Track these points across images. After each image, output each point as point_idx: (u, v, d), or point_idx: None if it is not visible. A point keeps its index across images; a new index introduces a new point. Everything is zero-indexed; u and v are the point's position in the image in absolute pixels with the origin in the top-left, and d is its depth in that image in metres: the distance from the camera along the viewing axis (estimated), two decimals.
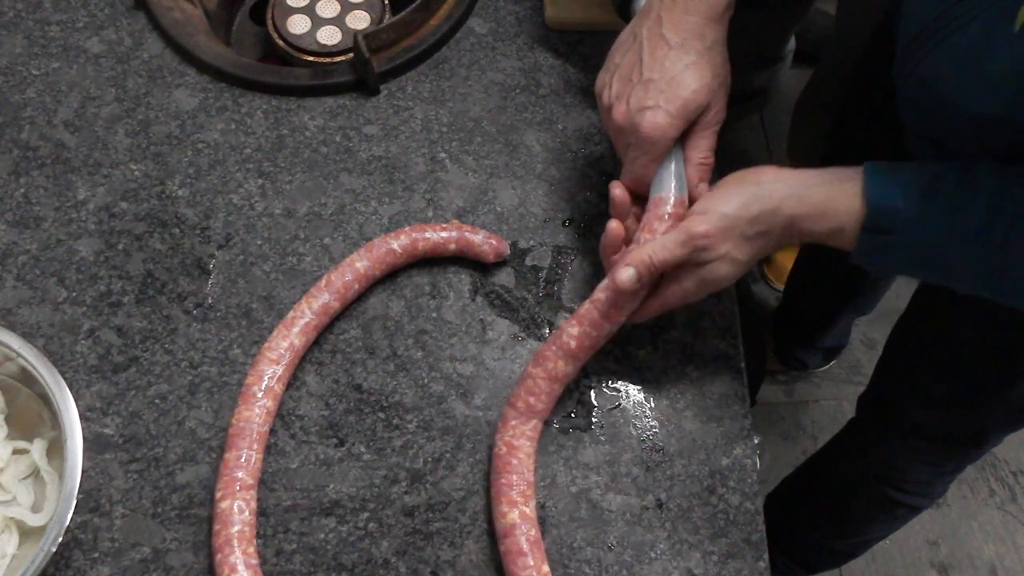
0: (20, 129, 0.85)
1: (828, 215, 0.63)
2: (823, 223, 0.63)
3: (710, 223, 0.64)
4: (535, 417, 0.70)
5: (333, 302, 0.75)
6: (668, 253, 0.65)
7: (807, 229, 0.64)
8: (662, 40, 0.68)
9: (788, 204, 0.64)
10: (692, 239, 0.64)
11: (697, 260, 0.65)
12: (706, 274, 0.66)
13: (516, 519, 0.66)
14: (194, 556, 0.68)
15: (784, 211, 0.64)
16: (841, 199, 0.63)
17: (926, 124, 0.67)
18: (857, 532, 1.24)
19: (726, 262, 0.65)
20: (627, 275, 0.65)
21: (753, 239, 0.65)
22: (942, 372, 0.92)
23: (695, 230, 0.64)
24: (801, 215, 0.64)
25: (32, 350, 0.68)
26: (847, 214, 0.62)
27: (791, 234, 0.65)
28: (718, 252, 0.65)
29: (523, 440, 0.69)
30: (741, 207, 0.64)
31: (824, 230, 0.64)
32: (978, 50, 0.56)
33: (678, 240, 0.65)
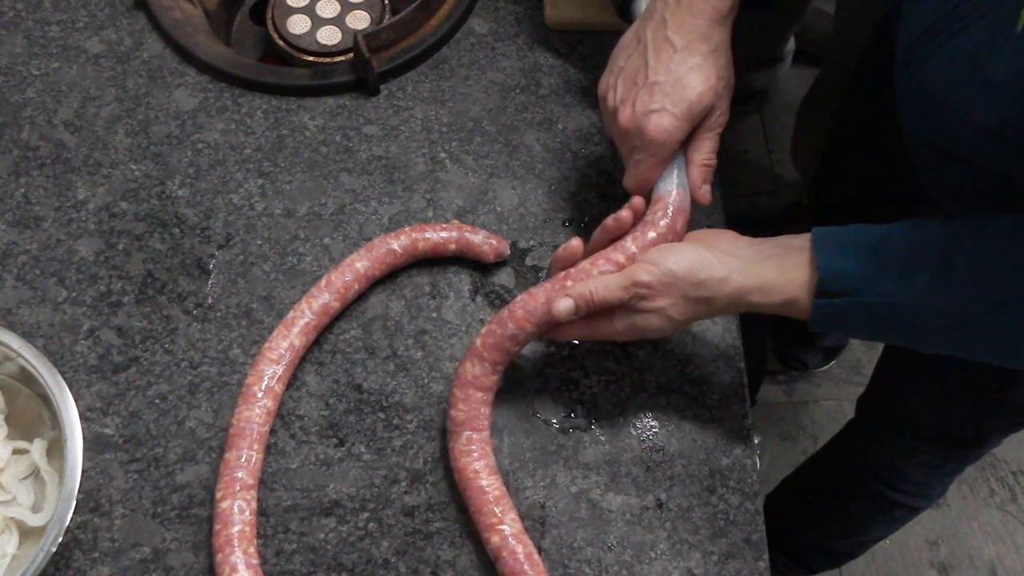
0: (20, 129, 0.85)
1: (778, 287, 0.63)
2: (773, 295, 0.64)
3: (655, 275, 0.64)
4: (467, 429, 0.69)
5: (333, 302, 0.75)
6: (609, 293, 0.65)
7: (755, 302, 0.64)
8: (667, 42, 0.68)
9: (737, 277, 0.64)
10: (634, 286, 0.64)
11: (634, 306, 0.66)
12: (639, 321, 0.66)
13: (498, 542, 0.66)
14: (194, 556, 0.68)
15: (732, 283, 0.64)
16: (791, 269, 0.63)
17: (926, 128, 0.67)
18: (857, 532, 1.24)
19: (661, 316, 0.65)
20: (564, 306, 0.66)
21: (694, 301, 0.65)
22: (941, 373, 0.92)
23: (639, 279, 0.64)
24: (749, 288, 0.64)
25: (32, 350, 0.68)
26: (797, 285, 0.63)
27: (737, 305, 0.65)
28: (655, 304, 0.65)
29: (471, 459, 0.68)
30: (689, 270, 0.64)
31: (775, 302, 0.64)
32: (980, 52, 0.56)
33: (621, 283, 0.65)
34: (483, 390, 0.70)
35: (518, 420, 0.74)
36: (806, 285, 0.62)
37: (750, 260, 0.65)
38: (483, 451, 0.69)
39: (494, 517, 0.66)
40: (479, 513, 0.67)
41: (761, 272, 0.64)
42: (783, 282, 0.63)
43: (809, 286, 0.62)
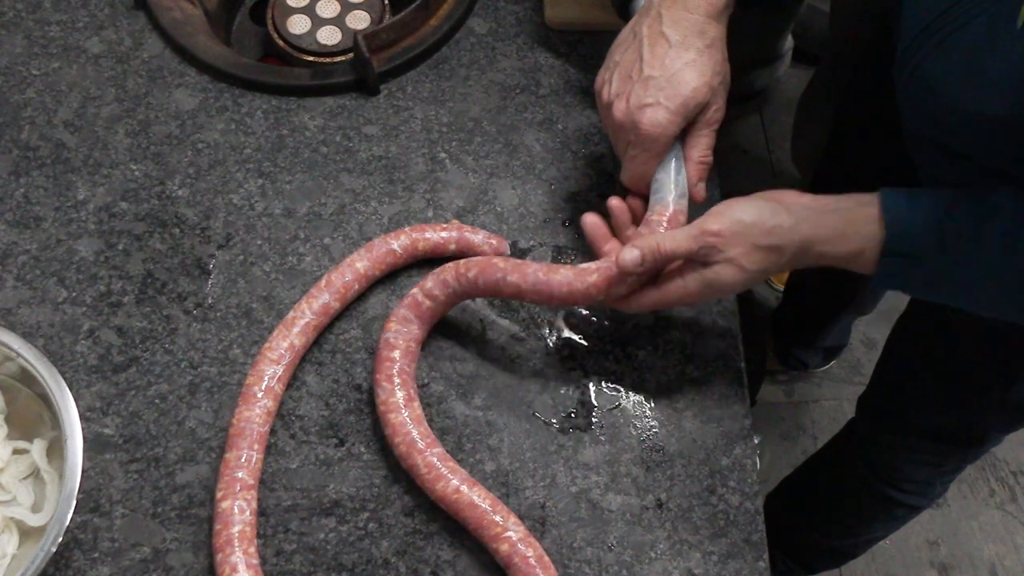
0: (20, 129, 0.85)
1: (847, 239, 0.63)
2: (842, 246, 0.63)
3: (724, 224, 0.64)
4: (420, 454, 0.68)
5: (333, 302, 0.75)
6: (677, 244, 0.64)
7: (825, 252, 0.64)
8: (662, 37, 0.68)
9: (805, 225, 0.64)
10: (703, 235, 0.64)
11: (705, 259, 0.65)
12: (711, 275, 0.65)
13: (507, 550, 0.65)
14: (194, 556, 0.68)
15: (801, 230, 0.64)
16: (860, 223, 0.63)
17: (927, 125, 0.67)
18: (857, 532, 1.24)
19: (733, 267, 0.64)
20: (631, 256, 0.65)
21: (765, 251, 0.64)
22: (942, 372, 0.92)
23: (709, 227, 0.64)
24: (819, 237, 0.64)
25: (32, 350, 0.68)
26: (866, 237, 0.62)
27: (807, 255, 0.65)
28: (727, 255, 0.64)
29: (445, 483, 0.67)
30: (758, 217, 0.64)
31: (843, 253, 0.64)
32: (980, 48, 0.56)
33: (690, 234, 0.64)
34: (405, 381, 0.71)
35: (518, 420, 0.74)
36: (875, 239, 0.62)
37: (819, 210, 0.64)
38: (449, 466, 0.68)
39: (497, 527, 0.66)
40: (480, 528, 0.66)
41: (831, 222, 0.64)
42: (852, 234, 0.63)
43: (878, 240, 0.62)
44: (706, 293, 0.66)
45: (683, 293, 0.67)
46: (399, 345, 0.72)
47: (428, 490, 0.68)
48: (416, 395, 0.71)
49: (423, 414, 0.70)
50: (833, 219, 0.64)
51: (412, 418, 0.69)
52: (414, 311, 0.73)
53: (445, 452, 0.69)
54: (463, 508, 0.66)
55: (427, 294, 0.73)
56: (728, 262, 0.64)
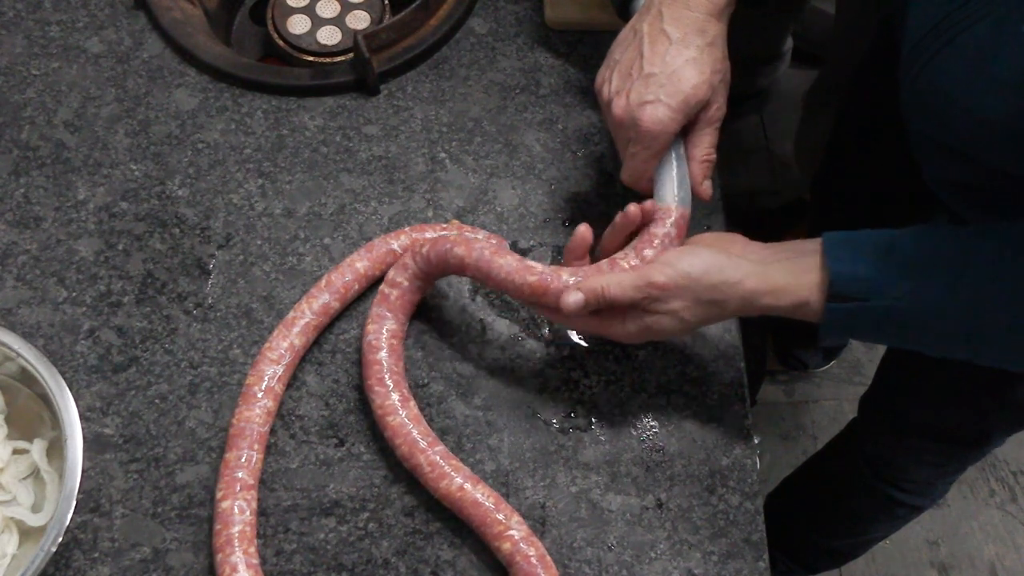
0: (20, 129, 0.85)
1: (789, 290, 0.63)
2: (785, 298, 0.64)
3: (670, 277, 0.64)
4: (422, 452, 0.68)
5: (333, 302, 0.75)
6: (621, 292, 0.65)
7: (766, 304, 0.64)
8: (663, 35, 0.68)
9: (749, 280, 0.64)
10: (649, 287, 0.64)
11: (647, 307, 0.65)
12: (651, 322, 0.66)
13: (510, 549, 0.65)
14: (194, 556, 0.68)
15: (745, 286, 0.64)
16: (803, 272, 0.63)
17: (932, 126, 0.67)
18: (857, 532, 1.24)
19: (673, 318, 0.65)
20: (574, 299, 0.65)
21: (707, 304, 0.65)
22: (944, 373, 0.92)
23: (654, 279, 0.64)
24: (761, 291, 0.64)
25: (32, 350, 0.68)
26: (809, 288, 0.63)
27: (749, 308, 0.65)
28: (669, 306, 0.65)
29: (448, 480, 0.67)
30: (704, 272, 0.64)
31: (787, 305, 0.64)
32: (985, 50, 0.56)
33: (635, 283, 0.65)
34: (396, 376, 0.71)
35: (518, 420, 0.74)
36: (818, 288, 0.62)
37: (762, 263, 0.65)
38: (452, 464, 0.68)
39: (500, 526, 0.66)
40: (484, 526, 0.66)
41: (774, 275, 0.64)
42: (795, 285, 0.63)
43: (821, 289, 0.62)
44: (643, 336, 0.67)
45: (620, 332, 0.67)
46: (382, 345, 0.72)
47: (432, 488, 0.68)
48: (410, 394, 0.71)
49: (419, 413, 0.71)
50: (777, 272, 0.64)
51: (411, 418, 0.69)
52: (385, 305, 0.73)
53: (447, 450, 0.69)
54: (466, 506, 0.66)
55: (391, 284, 0.73)
56: (669, 313, 0.65)
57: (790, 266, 0.64)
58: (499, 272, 0.68)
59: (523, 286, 0.68)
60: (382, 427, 0.70)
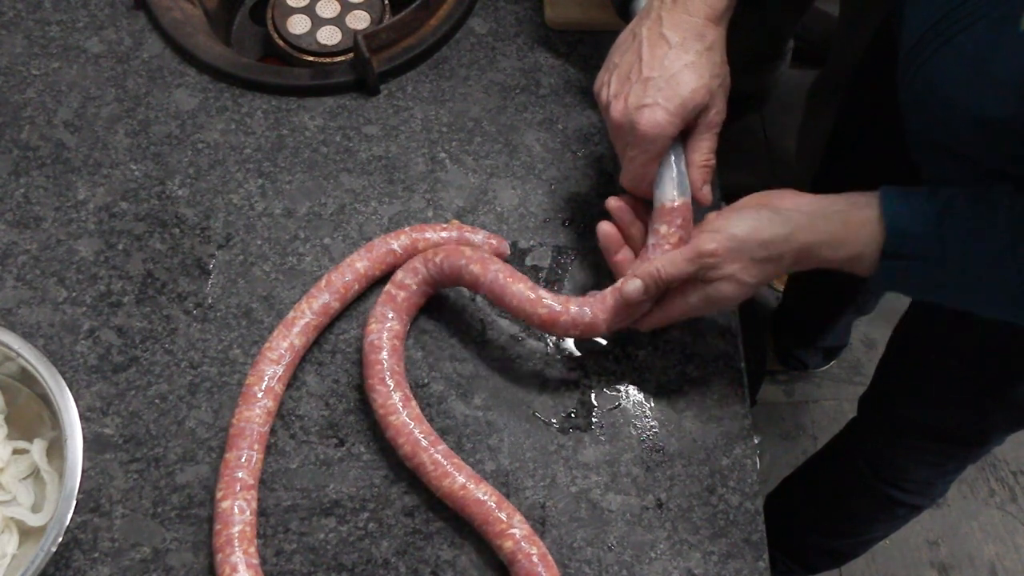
0: (20, 129, 0.85)
1: (845, 243, 0.63)
2: (841, 250, 0.64)
3: (719, 242, 0.64)
4: (424, 452, 0.69)
5: (333, 302, 0.75)
6: (676, 268, 0.66)
7: (823, 256, 0.64)
8: (662, 39, 0.68)
9: (802, 231, 0.64)
10: (700, 256, 0.65)
11: (704, 277, 0.66)
12: (712, 291, 0.66)
13: (511, 547, 0.65)
14: (194, 556, 0.68)
15: (798, 238, 0.64)
16: (858, 226, 0.63)
17: (930, 128, 0.67)
18: (857, 532, 1.24)
19: (732, 282, 0.65)
20: (634, 287, 0.66)
21: (763, 262, 0.65)
22: (944, 372, 0.92)
23: (704, 248, 0.65)
24: (817, 243, 0.64)
25: (32, 350, 0.68)
26: (865, 241, 0.63)
27: (806, 260, 0.65)
28: (725, 272, 0.65)
29: (451, 479, 0.67)
30: (753, 230, 0.64)
31: (842, 257, 0.64)
32: (983, 51, 0.56)
33: (686, 256, 0.65)
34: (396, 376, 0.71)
35: (518, 420, 0.74)
36: (874, 242, 0.62)
37: (815, 215, 0.65)
38: (454, 462, 0.68)
39: (502, 524, 0.66)
40: (485, 524, 0.66)
41: (828, 226, 0.64)
42: (851, 237, 0.63)
43: (877, 243, 0.62)
44: (709, 307, 0.68)
45: (685, 309, 0.68)
46: (384, 345, 0.72)
47: (434, 487, 0.68)
48: (411, 393, 0.71)
49: (420, 413, 0.71)
50: (830, 223, 0.64)
51: (412, 417, 0.69)
52: (390, 305, 0.73)
53: (448, 449, 0.69)
54: (468, 504, 0.67)
55: (399, 286, 0.74)
56: (727, 279, 0.65)
57: (845, 218, 0.64)
58: (512, 299, 0.70)
59: (532, 317, 0.70)
60: (384, 427, 0.70)
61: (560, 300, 0.70)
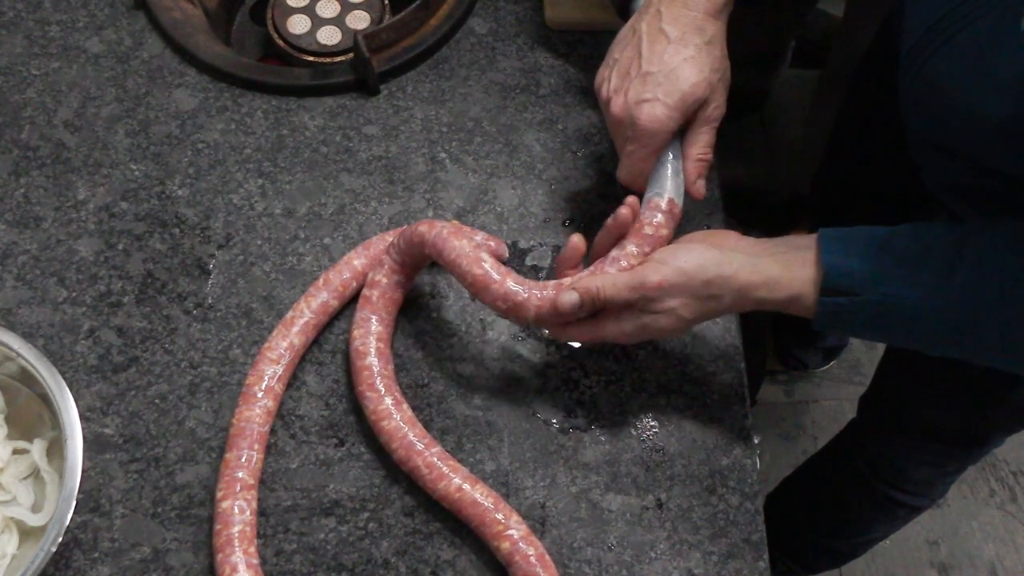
0: (20, 129, 0.85)
1: (783, 283, 0.63)
2: (779, 291, 0.63)
3: (665, 275, 0.64)
4: (419, 456, 0.68)
5: (332, 300, 0.75)
6: (616, 292, 0.65)
7: (762, 298, 0.64)
8: (661, 34, 0.68)
9: (743, 273, 0.64)
10: (644, 287, 0.64)
11: (644, 308, 0.65)
12: (649, 321, 0.65)
13: (509, 548, 0.65)
14: (194, 556, 0.68)
15: (739, 279, 0.64)
16: (797, 266, 0.63)
17: (931, 126, 0.67)
18: (858, 532, 1.24)
19: (671, 317, 0.65)
20: (569, 299, 0.65)
21: (703, 300, 0.65)
22: (944, 373, 0.92)
23: (649, 279, 0.64)
24: (755, 284, 0.64)
25: (32, 350, 0.68)
26: (802, 281, 0.63)
27: (744, 302, 0.65)
28: (666, 305, 0.65)
29: (447, 481, 0.67)
30: (698, 268, 0.64)
31: (780, 298, 0.64)
32: (984, 50, 0.56)
33: (629, 284, 0.64)
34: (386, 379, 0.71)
35: (518, 420, 0.74)
36: (811, 282, 0.62)
37: (756, 256, 0.65)
38: (450, 464, 0.68)
39: (499, 525, 0.66)
40: (483, 526, 0.66)
41: (767, 268, 0.64)
42: (789, 278, 0.63)
43: (815, 283, 0.62)
44: (641, 336, 0.67)
45: (617, 333, 0.67)
46: (369, 350, 0.72)
47: (430, 490, 0.68)
48: (402, 397, 0.71)
49: (414, 415, 0.70)
50: (771, 265, 0.64)
51: (405, 421, 0.69)
52: (368, 308, 0.73)
53: (444, 451, 0.69)
54: (465, 506, 0.66)
55: (371, 285, 0.74)
56: (667, 312, 0.65)
57: (784, 259, 0.64)
58: (450, 253, 0.68)
59: (467, 274, 0.67)
60: (377, 432, 0.70)
61: (502, 271, 0.67)
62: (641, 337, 0.67)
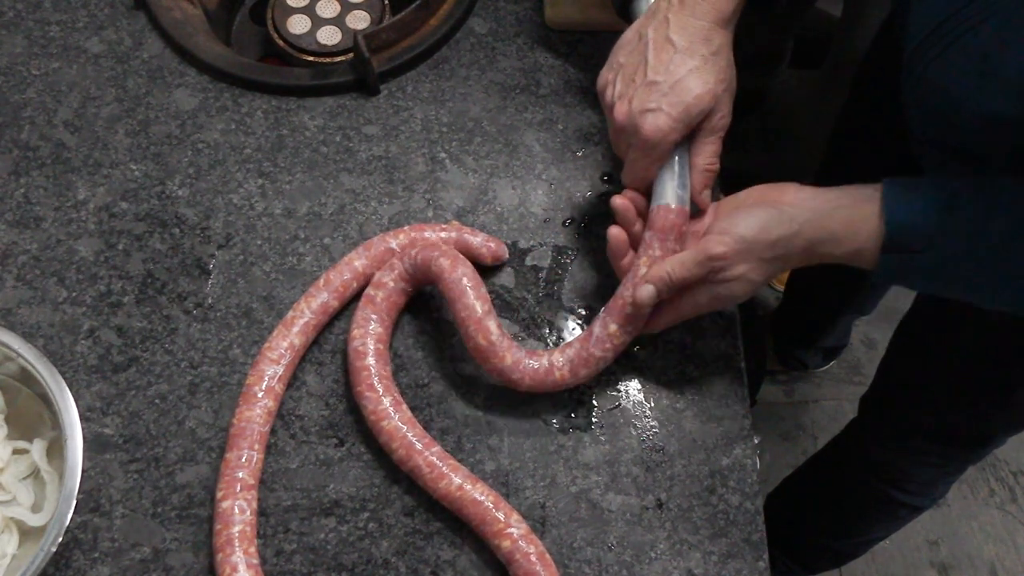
0: (20, 129, 0.85)
1: (848, 238, 0.63)
2: (843, 246, 0.64)
3: (728, 245, 0.65)
4: (419, 455, 0.69)
5: (332, 301, 0.75)
6: (687, 271, 0.66)
7: (827, 252, 0.65)
8: (668, 42, 0.68)
9: (807, 229, 0.64)
10: (710, 259, 0.65)
11: (714, 279, 0.66)
12: (722, 291, 0.67)
13: (509, 547, 0.65)
14: (194, 556, 0.68)
15: (803, 235, 0.64)
16: (860, 221, 0.63)
17: (935, 126, 0.67)
18: (858, 532, 1.24)
19: (742, 282, 0.66)
20: (647, 292, 0.67)
21: (771, 261, 0.65)
22: (945, 373, 0.92)
23: (714, 251, 0.65)
24: (820, 239, 0.64)
25: (32, 350, 0.68)
26: (866, 236, 0.63)
27: (811, 256, 0.65)
28: (735, 273, 0.65)
29: (447, 481, 0.67)
30: (761, 231, 0.64)
31: (844, 252, 0.64)
32: (989, 51, 0.56)
33: (696, 259, 0.65)
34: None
35: (518, 420, 0.74)
36: (874, 236, 0.62)
37: (818, 211, 0.65)
38: (450, 464, 0.68)
39: (500, 524, 0.66)
40: (483, 524, 0.66)
41: (830, 223, 0.64)
42: (852, 233, 0.63)
43: (878, 237, 0.62)
44: (718, 304, 0.69)
45: (696, 308, 0.69)
46: (368, 350, 0.72)
47: (430, 489, 0.68)
48: (400, 397, 0.71)
49: (412, 415, 0.71)
50: (834, 220, 0.64)
51: (404, 421, 0.69)
52: (370, 308, 0.73)
53: (443, 450, 0.69)
54: (465, 505, 0.67)
55: (377, 284, 0.74)
56: (737, 279, 0.66)
57: (847, 214, 0.64)
58: (461, 310, 0.70)
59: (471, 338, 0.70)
60: (376, 432, 0.70)
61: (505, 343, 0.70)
62: (717, 306, 0.69)
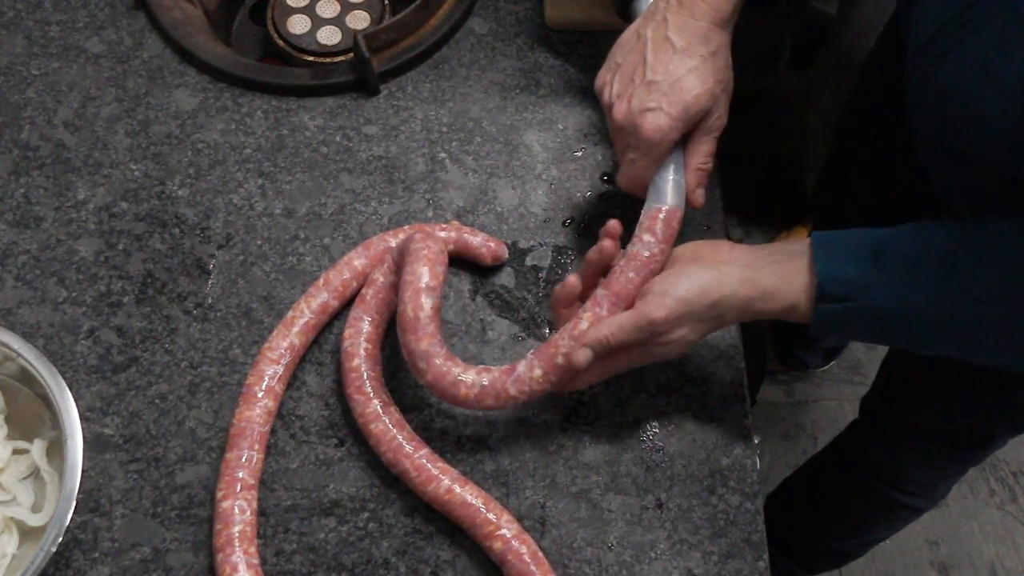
0: (20, 129, 0.85)
1: (781, 294, 0.63)
2: (778, 301, 0.64)
3: (669, 308, 0.64)
4: (409, 460, 0.68)
5: (332, 300, 0.75)
6: (625, 335, 0.65)
7: (762, 309, 0.64)
8: (667, 42, 0.68)
9: (742, 288, 0.64)
10: (651, 325, 0.64)
11: (652, 342, 0.65)
12: (657, 351, 0.66)
13: (501, 547, 0.65)
14: (194, 556, 0.68)
15: (739, 295, 0.64)
16: (792, 275, 0.63)
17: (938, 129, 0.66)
18: (858, 533, 1.24)
19: (679, 344, 0.66)
20: (584, 356, 0.65)
21: (708, 322, 0.65)
22: (946, 375, 0.92)
23: (654, 315, 0.64)
24: (755, 297, 0.64)
25: (32, 350, 0.68)
26: (798, 290, 0.63)
27: (746, 314, 0.65)
28: (674, 336, 0.65)
29: (436, 484, 0.67)
30: (700, 293, 0.64)
31: (779, 308, 0.64)
32: (993, 53, 0.56)
33: (637, 324, 0.64)
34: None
35: (518, 420, 0.74)
36: (806, 290, 0.62)
37: (751, 268, 0.65)
38: (439, 466, 0.68)
39: (491, 525, 0.66)
40: (474, 527, 0.66)
41: (763, 280, 0.64)
42: (784, 288, 0.63)
43: (809, 291, 0.62)
44: (649, 362, 0.68)
45: (628, 364, 0.68)
46: (358, 352, 0.72)
47: (420, 492, 0.68)
48: (390, 399, 0.71)
49: (402, 417, 0.70)
50: (766, 276, 0.64)
51: (393, 423, 0.69)
52: (361, 307, 0.73)
53: (432, 452, 0.69)
54: (456, 507, 0.67)
55: (369, 283, 0.74)
56: (675, 342, 0.65)
57: (779, 269, 0.64)
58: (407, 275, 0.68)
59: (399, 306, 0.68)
60: (366, 435, 0.70)
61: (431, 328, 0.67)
62: (650, 361, 0.68)
